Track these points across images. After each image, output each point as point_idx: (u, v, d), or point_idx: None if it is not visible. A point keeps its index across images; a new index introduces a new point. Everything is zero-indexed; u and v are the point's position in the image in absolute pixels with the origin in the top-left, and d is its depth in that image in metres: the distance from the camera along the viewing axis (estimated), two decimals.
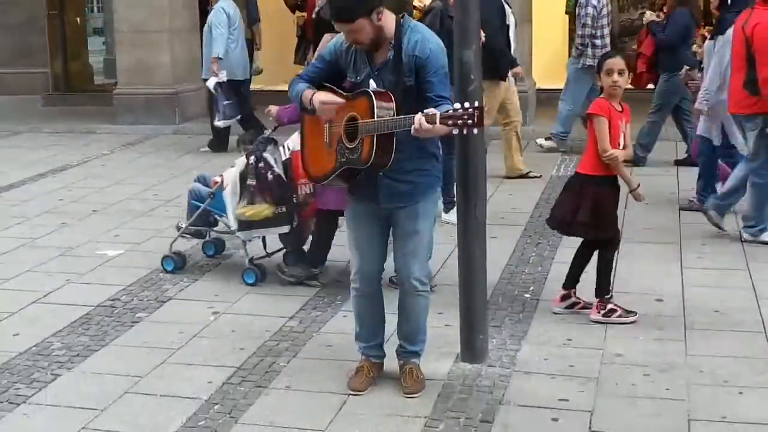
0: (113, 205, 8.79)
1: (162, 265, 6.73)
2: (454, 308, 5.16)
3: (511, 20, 8.93)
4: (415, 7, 9.31)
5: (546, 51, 11.34)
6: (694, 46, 8.75)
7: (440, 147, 4.70)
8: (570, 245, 7.08)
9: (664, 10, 10.64)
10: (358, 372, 4.85)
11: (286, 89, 4.73)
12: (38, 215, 8.46)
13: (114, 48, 14.62)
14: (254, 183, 6.28)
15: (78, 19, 16.72)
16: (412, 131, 4.18)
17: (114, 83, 14.28)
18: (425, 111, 4.15)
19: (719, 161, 8.00)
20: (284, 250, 6.69)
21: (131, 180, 9.90)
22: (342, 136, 4.48)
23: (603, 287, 5.68)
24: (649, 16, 9.87)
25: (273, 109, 6.49)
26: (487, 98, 8.35)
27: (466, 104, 4.08)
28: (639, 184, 5.59)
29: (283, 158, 6.40)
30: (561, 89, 10.75)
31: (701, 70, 8.19)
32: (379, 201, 4.58)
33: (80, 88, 15.98)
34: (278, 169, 6.32)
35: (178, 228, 6.84)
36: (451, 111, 4.10)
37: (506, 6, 8.91)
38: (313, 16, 11.13)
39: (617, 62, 5.55)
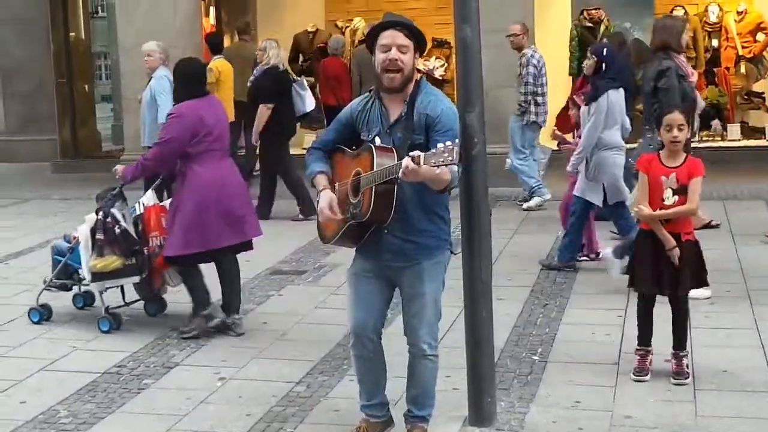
0: None
1: (29, 316, 7.15)
2: (461, 371, 5.14)
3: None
4: (419, 70, 9.34)
5: (550, 113, 11.46)
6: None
7: (449, 210, 4.69)
8: (578, 306, 7.09)
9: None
10: None
11: None
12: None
13: (121, 115, 14.75)
14: (102, 237, 6.75)
15: (86, 86, 16.93)
16: (400, 175, 4.18)
17: (121, 149, 14.39)
18: (411, 153, 4.16)
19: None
20: (143, 300, 7.20)
21: None
22: (348, 191, 4.53)
23: (639, 339, 5.75)
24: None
25: (119, 168, 6.97)
26: None
27: (448, 142, 4.10)
28: (675, 246, 5.52)
29: (135, 213, 6.95)
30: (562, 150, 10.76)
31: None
32: (382, 258, 4.59)
33: (88, 155, 16.12)
34: (125, 224, 6.80)
35: (45, 282, 7.26)
36: (433, 150, 4.11)
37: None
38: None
39: (677, 118, 5.54)
